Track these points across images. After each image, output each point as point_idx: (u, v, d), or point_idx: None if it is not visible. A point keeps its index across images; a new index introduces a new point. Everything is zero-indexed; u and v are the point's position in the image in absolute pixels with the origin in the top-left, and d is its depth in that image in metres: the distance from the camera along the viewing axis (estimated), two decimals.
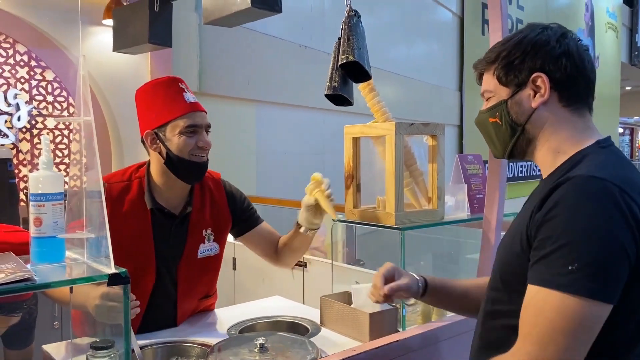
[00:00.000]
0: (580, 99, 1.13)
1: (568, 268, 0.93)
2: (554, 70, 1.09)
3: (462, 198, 1.93)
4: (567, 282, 0.93)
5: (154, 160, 1.73)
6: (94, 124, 1.13)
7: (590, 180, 0.97)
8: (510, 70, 1.13)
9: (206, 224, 1.80)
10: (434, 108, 7.55)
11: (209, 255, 1.81)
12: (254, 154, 5.01)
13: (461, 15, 8.22)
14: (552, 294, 0.95)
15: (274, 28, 5.00)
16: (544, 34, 1.12)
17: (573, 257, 0.93)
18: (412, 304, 1.93)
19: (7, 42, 3.29)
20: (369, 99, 1.77)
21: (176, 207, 1.75)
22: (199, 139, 1.68)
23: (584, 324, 0.93)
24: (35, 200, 1.10)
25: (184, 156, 1.66)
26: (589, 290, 0.92)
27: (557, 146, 1.12)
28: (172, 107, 1.67)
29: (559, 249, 0.95)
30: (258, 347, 1.46)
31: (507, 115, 1.15)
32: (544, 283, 0.96)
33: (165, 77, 1.76)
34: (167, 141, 1.67)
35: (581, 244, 0.93)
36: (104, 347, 1.16)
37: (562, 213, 0.97)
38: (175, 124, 1.66)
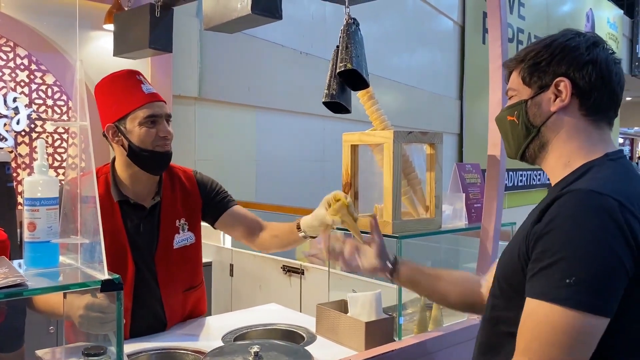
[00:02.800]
0: (600, 110, 1.11)
1: (565, 281, 0.93)
2: (578, 77, 1.08)
3: (460, 207, 1.92)
4: (565, 295, 0.93)
5: (118, 154, 1.74)
6: (91, 128, 1.13)
7: (589, 194, 0.97)
8: (535, 71, 1.12)
9: (178, 214, 1.79)
10: (434, 116, 7.56)
11: (185, 245, 1.81)
12: (254, 160, 5.00)
13: (462, 24, 8.25)
14: (549, 307, 0.94)
15: (275, 35, 5.01)
16: (575, 39, 1.11)
17: (570, 270, 0.93)
18: (409, 313, 1.92)
19: (8, 46, 3.29)
20: (368, 107, 1.77)
21: (144, 199, 1.75)
22: (159, 129, 1.68)
23: (580, 338, 0.93)
24: (29, 204, 1.09)
25: (147, 147, 1.66)
26: (586, 304, 0.92)
27: (566, 155, 1.11)
28: (130, 98, 1.67)
29: (556, 263, 0.95)
30: (253, 355, 1.45)
31: (524, 115, 1.14)
32: (542, 296, 0.96)
33: (123, 70, 1.76)
34: (128, 133, 1.67)
35: (579, 257, 0.93)
36: (95, 354, 1.14)
37: (560, 226, 0.96)
38: (134, 115, 1.66)
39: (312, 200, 5.90)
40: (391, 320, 1.68)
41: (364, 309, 1.67)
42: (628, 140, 22.65)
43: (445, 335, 1.69)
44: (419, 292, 1.57)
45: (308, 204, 4.53)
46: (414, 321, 1.83)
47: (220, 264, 3.39)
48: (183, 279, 1.83)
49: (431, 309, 1.84)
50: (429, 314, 1.82)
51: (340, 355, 1.55)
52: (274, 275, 3.05)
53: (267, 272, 3.09)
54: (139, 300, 1.74)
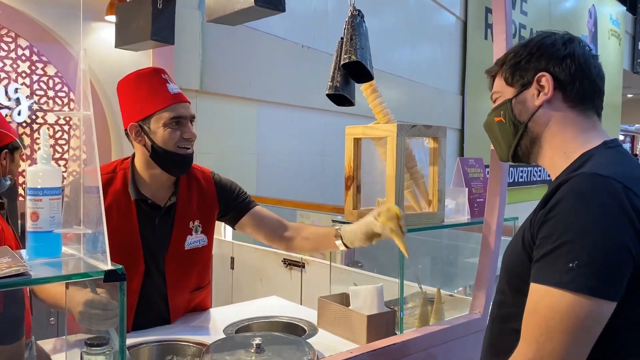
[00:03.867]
0: (585, 100, 1.13)
1: (569, 266, 0.92)
2: (558, 70, 1.11)
3: (463, 201, 1.92)
4: (568, 279, 0.92)
5: (139, 153, 1.72)
6: (94, 119, 1.12)
7: (593, 177, 0.97)
8: (517, 70, 1.16)
9: (193, 216, 1.78)
10: (436, 111, 7.54)
11: (197, 247, 1.79)
12: (255, 153, 5.00)
13: (464, 19, 8.22)
14: (552, 292, 0.94)
15: (277, 28, 5.00)
16: (550, 37, 1.15)
17: (574, 254, 0.93)
18: (410, 306, 1.92)
19: (9, 36, 3.28)
20: (371, 100, 1.76)
21: (161, 199, 1.74)
22: (184, 131, 1.67)
23: (584, 323, 0.92)
24: (32, 194, 1.08)
25: (170, 148, 1.65)
26: (589, 287, 0.91)
27: (563, 146, 1.12)
28: (155, 98, 1.66)
29: (560, 247, 0.95)
30: (254, 348, 1.45)
31: (510, 113, 1.16)
32: (545, 281, 0.95)
33: (148, 68, 1.75)
34: (152, 133, 1.65)
35: (582, 241, 0.93)
36: (98, 344, 1.14)
37: (564, 211, 0.96)
38: (159, 116, 1.64)
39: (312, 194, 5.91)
40: (393, 314, 1.68)
41: (365, 302, 1.67)
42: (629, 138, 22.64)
43: (446, 329, 1.69)
44: None
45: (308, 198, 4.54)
46: (416, 315, 1.83)
47: (221, 257, 3.39)
48: (191, 279, 1.82)
49: (433, 303, 1.84)
50: (430, 307, 1.82)
51: (341, 348, 1.55)
52: (274, 268, 3.06)
53: (268, 265, 3.09)
54: (145, 298, 1.73)
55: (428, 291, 1.95)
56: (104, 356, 1.14)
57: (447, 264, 3.14)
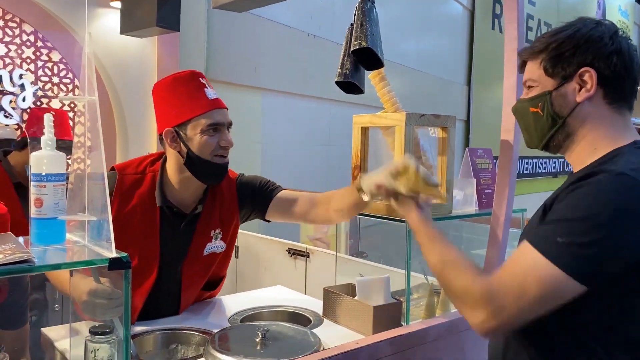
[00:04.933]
0: (623, 98, 1.13)
1: (557, 239, 0.99)
2: (603, 67, 1.09)
3: (471, 192, 1.90)
4: (551, 250, 0.99)
5: (172, 158, 1.66)
6: (99, 105, 1.10)
7: (620, 176, 0.99)
8: (559, 62, 1.13)
9: (215, 225, 1.74)
10: (441, 102, 7.49)
11: (215, 252, 1.76)
12: (260, 142, 4.98)
13: (472, 9, 8.14)
14: (535, 254, 1.01)
15: (283, 16, 4.95)
16: (597, 29, 1.11)
17: (567, 231, 0.98)
18: (416, 297, 1.90)
19: (14, 22, 3.25)
20: (379, 89, 1.74)
21: (187, 206, 1.70)
22: (221, 138, 1.62)
23: (549, 291, 0.99)
24: (36, 180, 1.07)
25: (206, 157, 1.60)
26: (565, 264, 0.97)
27: (594, 143, 1.12)
28: (193, 104, 1.59)
29: (560, 221, 1.01)
30: (260, 337, 1.44)
31: (550, 106, 1.14)
32: (533, 243, 1.02)
33: (186, 72, 1.67)
34: (188, 140, 1.59)
35: (582, 223, 0.98)
36: (102, 333, 1.13)
37: (580, 194, 1.01)
38: (196, 123, 1.58)
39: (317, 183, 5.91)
40: (399, 305, 1.66)
41: (372, 293, 1.66)
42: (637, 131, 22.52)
43: (453, 320, 1.68)
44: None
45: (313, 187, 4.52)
46: (422, 306, 1.82)
47: None
48: (204, 281, 1.80)
49: (439, 294, 1.82)
50: (436, 299, 1.81)
51: (347, 338, 1.54)
52: (279, 257, 3.05)
53: (273, 254, 3.08)
54: (154, 300, 1.70)
55: (434, 282, 1.93)
56: (108, 344, 1.14)
57: None
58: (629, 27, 12.88)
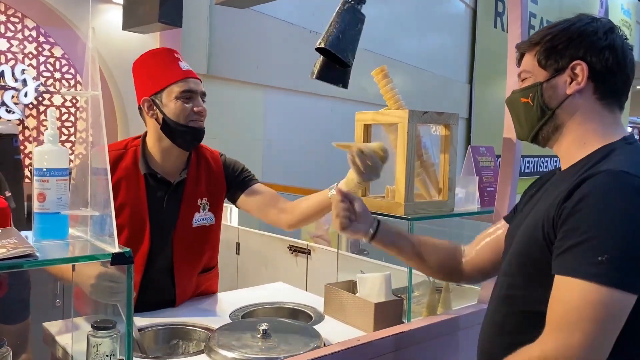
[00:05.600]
0: (614, 95, 1.13)
1: (597, 259, 0.94)
2: (595, 61, 1.10)
3: (473, 190, 1.90)
4: (597, 272, 0.94)
5: (151, 128, 1.75)
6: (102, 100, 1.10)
7: (621, 174, 0.99)
8: (552, 54, 1.13)
9: (201, 194, 1.80)
10: (443, 100, 7.49)
11: (204, 225, 1.80)
12: (261, 139, 4.98)
13: (474, 7, 8.13)
14: (580, 284, 0.96)
15: (285, 12, 4.95)
16: (592, 24, 1.12)
17: (602, 248, 0.95)
18: (418, 295, 1.91)
19: (16, 17, 3.25)
20: (382, 86, 1.73)
21: (171, 175, 1.76)
22: (194, 104, 1.70)
23: (611, 313, 0.95)
24: (39, 175, 1.07)
25: (181, 121, 1.68)
26: (617, 281, 0.94)
27: (582, 137, 1.13)
28: (167, 73, 1.70)
29: (588, 240, 0.96)
30: (261, 333, 1.45)
31: (540, 97, 1.15)
32: (573, 273, 0.97)
33: (161, 48, 1.81)
34: (164, 107, 1.69)
35: (611, 236, 0.95)
36: (105, 327, 1.14)
37: (592, 205, 0.98)
38: (170, 90, 1.69)
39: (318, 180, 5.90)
40: (400, 302, 1.67)
41: (373, 290, 1.66)
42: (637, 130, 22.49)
43: (454, 318, 1.68)
44: (399, 255, 1.51)
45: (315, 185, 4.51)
46: (423, 303, 1.82)
47: (227, 242, 3.39)
48: (199, 260, 1.82)
49: (441, 291, 1.83)
50: (438, 296, 1.81)
51: (348, 335, 1.54)
52: (280, 254, 3.05)
53: (273, 251, 3.09)
54: (149, 275, 1.73)
55: (435, 280, 1.93)
56: (110, 339, 1.14)
57: None
58: (632, 26, 12.85)
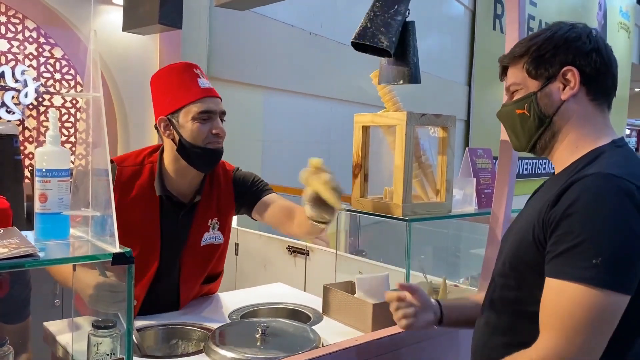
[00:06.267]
0: (604, 94, 1.15)
1: (592, 262, 0.96)
2: (584, 64, 1.12)
3: (470, 192, 1.91)
4: (591, 275, 0.96)
5: (167, 147, 1.70)
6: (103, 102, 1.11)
7: (608, 177, 1.00)
8: (541, 63, 1.15)
9: (212, 214, 1.77)
10: (442, 102, 7.49)
11: (212, 243, 1.78)
12: (261, 140, 4.98)
13: (473, 9, 8.14)
14: (575, 287, 0.97)
15: (285, 14, 4.96)
16: (574, 30, 1.15)
17: (596, 251, 0.96)
18: None
19: (17, 18, 3.26)
20: (381, 88, 1.75)
21: (185, 196, 1.73)
22: (213, 126, 1.64)
23: (605, 315, 0.97)
24: (41, 175, 1.08)
25: (198, 143, 1.62)
26: (610, 282, 0.96)
27: (576, 141, 1.14)
28: (185, 92, 1.63)
29: (580, 244, 0.98)
30: (260, 333, 1.46)
31: (536, 106, 1.16)
32: (566, 276, 0.99)
33: (181, 63, 1.72)
34: (180, 127, 1.63)
35: (603, 239, 0.96)
36: (105, 327, 1.15)
37: (582, 209, 0.99)
38: (188, 110, 1.62)
39: None
40: None
41: (371, 291, 1.67)
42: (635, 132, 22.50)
43: None
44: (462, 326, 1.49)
45: None
46: None
47: None
48: (204, 273, 1.82)
49: (438, 292, 1.84)
50: (435, 297, 1.81)
51: (346, 336, 1.55)
52: (279, 255, 3.06)
53: (272, 252, 3.10)
54: (154, 292, 1.72)
55: (433, 281, 1.95)
56: (110, 338, 1.15)
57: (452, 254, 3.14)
58: (630, 29, 12.87)
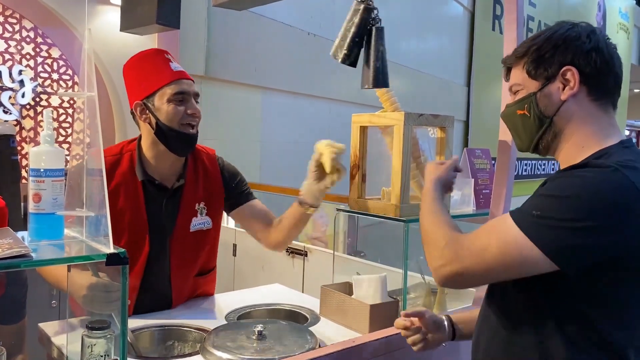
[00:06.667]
0: (607, 94, 1.14)
1: (532, 212, 1.02)
2: (583, 64, 1.11)
3: (468, 192, 1.90)
4: (520, 217, 1.03)
5: (145, 133, 1.72)
6: (98, 101, 1.10)
7: (612, 170, 1.00)
8: (541, 63, 1.14)
9: (199, 198, 1.78)
10: (441, 102, 7.49)
11: (202, 229, 1.79)
12: (259, 141, 4.98)
13: (472, 10, 8.15)
14: (507, 219, 1.05)
15: (283, 14, 4.95)
16: (574, 29, 1.14)
17: (542, 206, 1.01)
18: (413, 297, 1.91)
19: (14, 18, 3.25)
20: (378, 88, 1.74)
21: (168, 180, 1.74)
22: (187, 107, 1.67)
23: (512, 253, 1.02)
24: (35, 175, 1.07)
25: (174, 126, 1.66)
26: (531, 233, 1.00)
27: (582, 141, 1.13)
28: (159, 76, 1.67)
29: (540, 196, 1.04)
30: (256, 334, 1.45)
31: (536, 107, 1.15)
32: (510, 212, 1.07)
33: (151, 49, 1.77)
34: (156, 111, 1.66)
35: (562, 201, 1.00)
36: (99, 328, 1.14)
37: (569, 178, 1.03)
38: (163, 92, 1.65)
39: None
40: (396, 304, 1.67)
41: (369, 292, 1.66)
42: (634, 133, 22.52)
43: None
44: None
45: None
46: (419, 305, 1.82)
47: (224, 244, 3.37)
48: (196, 263, 1.81)
49: (436, 294, 1.83)
50: (433, 298, 1.81)
51: (344, 336, 1.54)
52: (276, 256, 3.05)
53: (270, 253, 3.08)
54: (148, 280, 1.73)
55: (431, 282, 1.94)
56: (105, 340, 1.14)
57: None
58: (629, 29, 12.88)
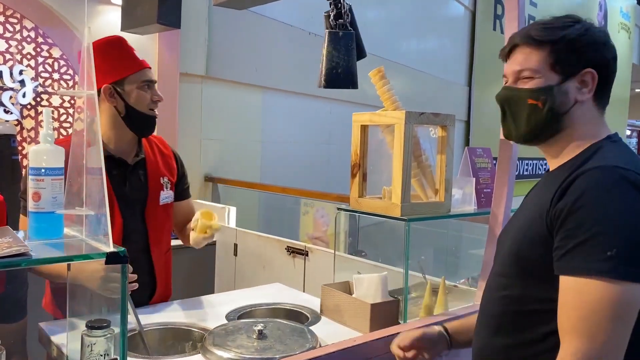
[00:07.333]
0: (607, 99, 1.16)
1: (607, 254, 0.94)
2: (603, 71, 1.12)
3: (470, 191, 1.90)
4: (608, 268, 0.94)
5: (104, 114, 1.77)
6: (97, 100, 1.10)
7: (613, 169, 1.00)
8: (568, 58, 1.11)
9: (162, 172, 1.89)
10: (442, 102, 7.48)
11: (167, 203, 1.88)
12: (259, 141, 4.97)
13: (473, 9, 8.14)
14: (592, 283, 0.95)
15: (284, 14, 4.95)
16: (603, 33, 1.14)
17: (610, 243, 0.94)
18: (415, 297, 1.90)
19: (15, 17, 3.25)
20: (379, 87, 1.74)
21: (127, 155, 1.82)
22: (153, 93, 1.79)
23: (627, 308, 0.94)
24: (34, 174, 1.07)
25: (143, 110, 1.77)
26: (629, 274, 0.94)
27: (579, 139, 1.14)
28: (128, 62, 1.78)
29: (593, 237, 0.96)
30: (257, 334, 1.45)
31: (552, 101, 1.12)
32: (582, 272, 0.96)
33: (115, 36, 1.84)
34: (126, 95, 1.75)
35: (615, 230, 0.95)
36: (99, 327, 1.13)
37: (592, 201, 0.98)
38: (132, 79, 1.76)
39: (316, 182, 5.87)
40: (396, 303, 1.66)
41: (369, 291, 1.66)
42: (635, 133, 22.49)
43: (451, 319, 1.67)
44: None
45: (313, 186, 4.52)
46: (420, 305, 1.82)
47: (224, 244, 3.38)
48: (167, 237, 1.91)
49: (437, 293, 1.82)
50: (435, 298, 1.80)
51: (344, 335, 1.54)
52: (277, 255, 3.05)
53: (271, 252, 3.09)
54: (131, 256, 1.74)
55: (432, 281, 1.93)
56: (104, 339, 1.14)
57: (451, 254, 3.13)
58: (630, 29, 12.86)
